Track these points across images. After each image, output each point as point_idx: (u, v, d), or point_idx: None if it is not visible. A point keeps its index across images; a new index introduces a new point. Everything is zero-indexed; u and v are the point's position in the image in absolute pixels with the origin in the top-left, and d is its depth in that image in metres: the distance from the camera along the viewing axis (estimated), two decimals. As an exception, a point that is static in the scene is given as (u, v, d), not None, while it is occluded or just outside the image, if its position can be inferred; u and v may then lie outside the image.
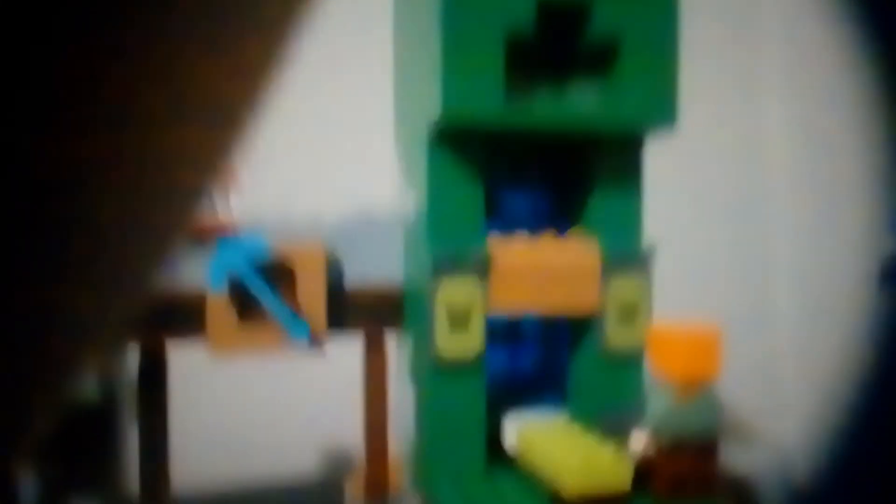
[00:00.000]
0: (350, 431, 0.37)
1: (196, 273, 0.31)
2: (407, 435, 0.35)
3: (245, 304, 0.32)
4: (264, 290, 0.31)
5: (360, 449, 0.36)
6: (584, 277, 0.31)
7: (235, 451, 0.54)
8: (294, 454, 0.55)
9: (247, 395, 0.56)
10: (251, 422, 0.56)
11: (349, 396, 0.37)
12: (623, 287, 0.32)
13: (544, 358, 0.37)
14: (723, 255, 0.67)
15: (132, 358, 0.33)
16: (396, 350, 0.37)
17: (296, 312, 0.32)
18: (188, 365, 0.34)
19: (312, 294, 0.33)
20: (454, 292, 0.30)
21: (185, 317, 0.32)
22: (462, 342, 0.30)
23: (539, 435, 0.30)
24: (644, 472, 0.28)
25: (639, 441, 0.28)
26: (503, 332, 0.36)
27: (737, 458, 0.36)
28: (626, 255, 0.32)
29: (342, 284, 0.34)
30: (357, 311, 0.35)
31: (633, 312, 0.32)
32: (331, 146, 0.39)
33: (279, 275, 0.32)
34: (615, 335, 0.32)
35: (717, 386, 0.28)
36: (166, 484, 0.34)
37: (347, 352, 0.37)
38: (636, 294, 0.32)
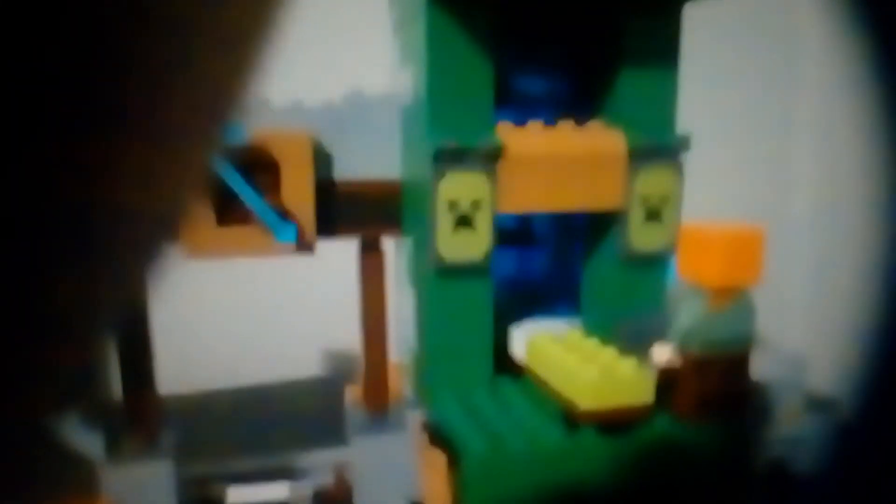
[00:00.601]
0: (350, 337, 0.35)
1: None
2: (408, 343, 0.32)
3: (223, 201, 0.29)
4: (243, 184, 0.27)
5: (359, 356, 0.33)
6: (606, 169, 0.27)
7: (227, 357, 0.53)
8: (290, 361, 0.54)
9: (239, 299, 0.55)
10: (243, 327, 0.55)
11: (348, 301, 0.34)
12: (651, 180, 0.28)
13: (558, 261, 0.34)
14: (744, 166, 0.63)
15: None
16: (395, 253, 0.34)
17: (280, 211, 0.29)
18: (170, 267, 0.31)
19: (298, 190, 0.29)
20: (458, 188, 0.26)
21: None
22: (467, 243, 0.27)
23: (550, 345, 0.27)
24: (667, 388, 0.25)
25: (663, 353, 0.25)
26: (512, 233, 0.33)
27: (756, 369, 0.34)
28: (657, 143, 0.28)
29: (332, 180, 0.31)
30: (350, 210, 0.31)
31: (661, 209, 0.28)
32: (315, 19, 0.34)
33: (260, 168, 0.29)
34: (640, 235, 0.28)
35: (753, 293, 0.25)
36: (151, 389, 0.32)
37: (342, 254, 0.34)
38: (666, 188, 0.28)
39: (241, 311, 0.55)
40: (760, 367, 0.37)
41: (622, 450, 0.24)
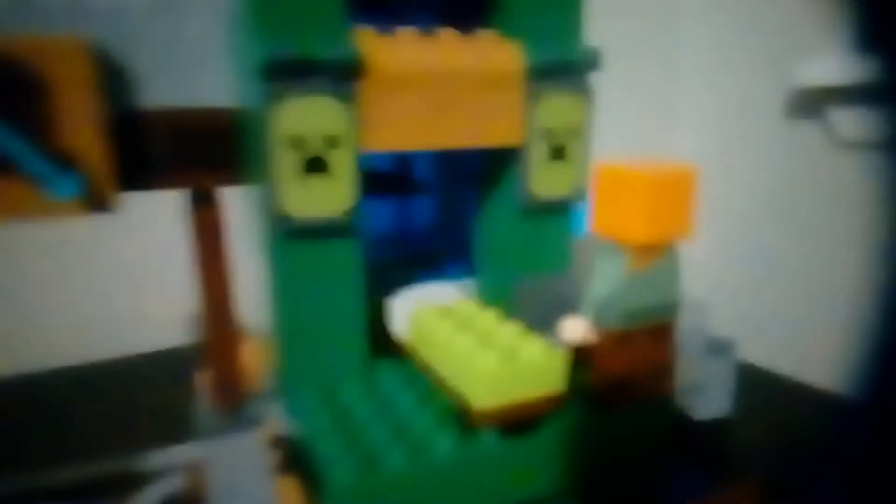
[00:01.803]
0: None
1: None
2: (263, 324, 0.25)
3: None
4: (-15, 116, 0.19)
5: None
6: (500, 92, 0.21)
7: (42, 334, 0.43)
8: (128, 336, 0.45)
9: (58, 266, 0.44)
10: (63, 297, 0.45)
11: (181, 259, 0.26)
12: (556, 107, 0.22)
13: (445, 213, 0.28)
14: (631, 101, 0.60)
15: None
16: (239, 205, 0.26)
17: (55, 153, 0.20)
18: None
19: (81, 122, 0.20)
20: (304, 119, 0.19)
21: None
22: (321, 195, 0.20)
23: (438, 321, 0.21)
24: (580, 370, 0.20)
25: (575, 327, 0.20)
26: (387, 179, 0.26)
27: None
28: (562, 59, 0.22)
29: (137, 110, 0.22)
30: (166, 151, 0.23)
31: (567, 145, 0.23)
32: None
33: (18, 91, 0.20)
34: (542, 177, 0.23)
35: (679, 249, 0.20)
36: None
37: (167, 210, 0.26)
38: (573, 118, 0.23)
39: (63, 276, 0.45)
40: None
41: (531, 453, 0.19)
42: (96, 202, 0.21)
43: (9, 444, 0.33)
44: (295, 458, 0.20)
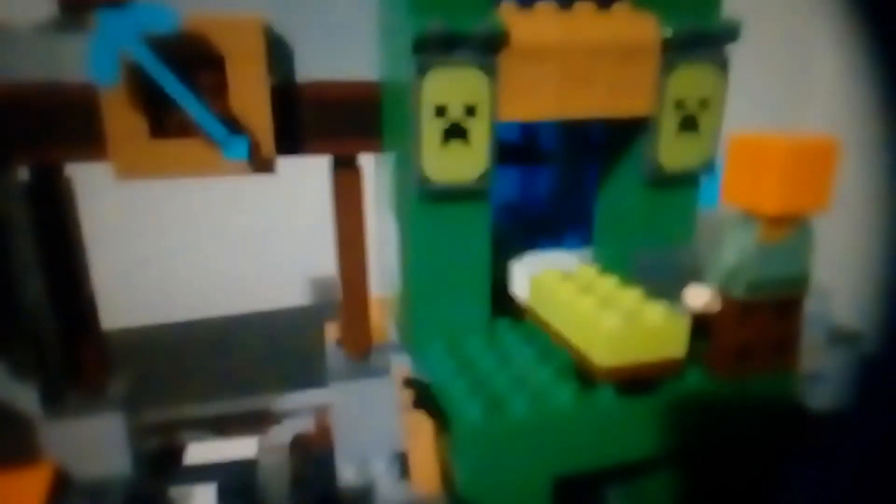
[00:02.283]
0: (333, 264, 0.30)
1: (77, 59, 0.22)
2: (392, 280, 0.27)
3: (158, 109, 0.23)
4: (176, 83, 0.22)
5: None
6: (635, 64, 0.22)
7: (191, 288, 0.48)
8: (265, 291, 0.50)
9: (206, 224, 0.49)
10: (210, 254, 0.50)
11: (327, 229, 0.29)
12: (689, 79, 0.22)
13: (568, 183, 0.29)
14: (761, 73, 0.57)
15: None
16: (375, 171, 0.29)
17: (228, 120, 0.23)
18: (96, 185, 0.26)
19: (250, 93, 0.23)
20: (448, 89, 0.21)
21: (74, 122, 0.23)
22: (459, 160, 0.22)
23: (560, 284, 0.22)
24: (700, 338, 0.21)
25: (698, 296, 0.21)
26: (514, 148, 0.27)
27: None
28: (699, 30, 0.22)
29: (294, 82, 0.25)
30: (318, 120, 0.25)
31: (699, 116, 0.23)
32: None
33: (200, 65, 0.23)
34: (671, 149, 0.23)
35: (814, 222, 0.20)
36: (93, 330, 0.27)
37: (314, 174, 0.29)
38: (706, 89, 0.23)
39: (209, 237, 0.50)
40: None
41: (646, 412, 0.20)
42: (259, 164, 0.24)
43: (158, 383, 0.37)
44: (425, 397, 0.22)
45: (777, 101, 0.60)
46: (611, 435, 0.20)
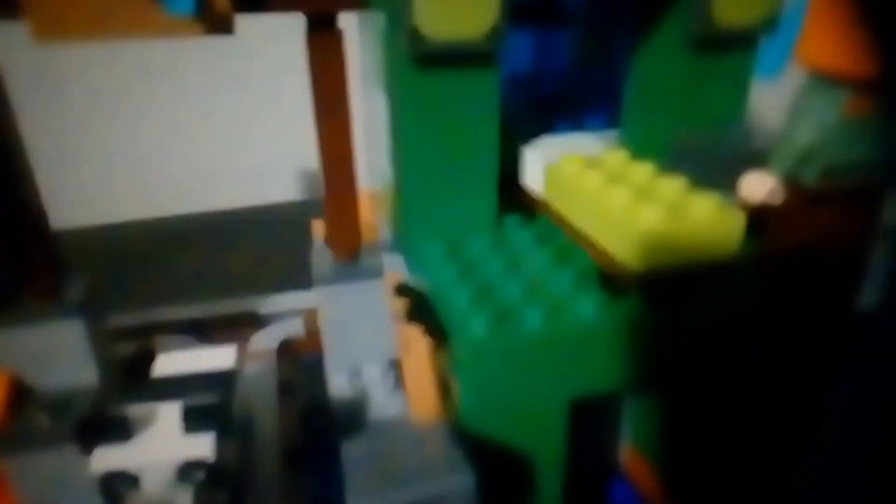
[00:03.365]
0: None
1: None
2: (383, 170, 0.24)
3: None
4: None
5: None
6: None
7: (164, 186, 0.44)
8: (245, 189, 0.46)
9: (172, 114, 0.44)
10: (182, 147, 0.45)
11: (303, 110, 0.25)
12: None
13: (593, 49, 0.24)
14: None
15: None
16: (360, 39, 0.24)
17: (167, -37, 0.18)
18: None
19: (193, -74, 0.18)
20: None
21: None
22: (461, 13, 0.17)
23: (584, 172, 0.19)
24: (756, 234, 0.17)
25: (758, 184, 0.17)
26: (528, 5, 0.22)
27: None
28: None
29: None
30: (284, -34, 0.20)
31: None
32: None
33: None
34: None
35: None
36: (40, 227, 0.24)
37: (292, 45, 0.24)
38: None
39: (184, 126, 0.45)
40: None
41: (685, 327, 0.17)
42: (211, 22, 0.19)
43: (128, 285, 0.34)
44: (421, 308, 0.19)
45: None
46: (641, 354, 0.17)
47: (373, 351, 0.24)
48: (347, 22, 0.22)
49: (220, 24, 0.20)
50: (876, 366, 0.24)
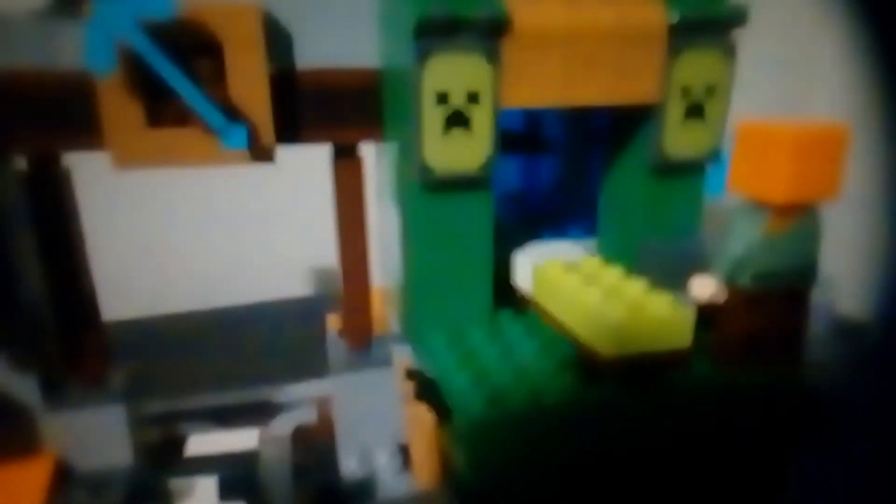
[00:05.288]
0: (333, 255, 0.29)
1: (72, 46, 0.22)
2: (394, 271, 0.27)
3: (155, 97, 0.22)
4: (174, 71, 0.21)
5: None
6: (641, 50, 0.21)
7: (191, 278, 0.48)
8: (265, 282, 0.49)
9: (205, 214, 0.49)
10: (209, 244, 0.49)
11: (327, 220, 0.29)
12: (696, 65, 0.22)
13: (571, 172, 0.28)
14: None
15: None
16: (377, 160, 0.28)
17: (226, 109, 0.23)
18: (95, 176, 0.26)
19: (249, 81, 0.23)
20: (450, 75, 0.20)
21: (70, 111, 0.23)
22: (461, 149, 0.21)
23: (563, 275, 0.22)
24: (705, 329, 0.20)
25: (704, 286, 0.20)
26: (517, 137, 0.27)
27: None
28: (707, 15, 0.22)
29: (293, 69, 0.24)
30: (317, 108, 0.25)
31: (705, 103, 0.22)
32: None
33: (197, 51, 0.22)
34: (677, 136, 0.23)
35: (820, 211, 0.20)
36: (94, 320, 0.27)
37: (315, 163, 0.28)
38: (713, 76, 0.22)
39: (208, 228, 0.50)
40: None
41: (651, 404, 0.20)
42: (258, 153, 0.24)
43: (158, 374, 0.37)
44: (426, 390, 0.22)
45: (781, 90, 0.59)
46: (614, 427, 0.20)
47: (382, 435, 0.26)
48: (366, 149, 0.27)
49: (264, 155, 0.24)
50: (836, 454, 0.26)
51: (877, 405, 0.32)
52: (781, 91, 0.59)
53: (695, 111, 0.23)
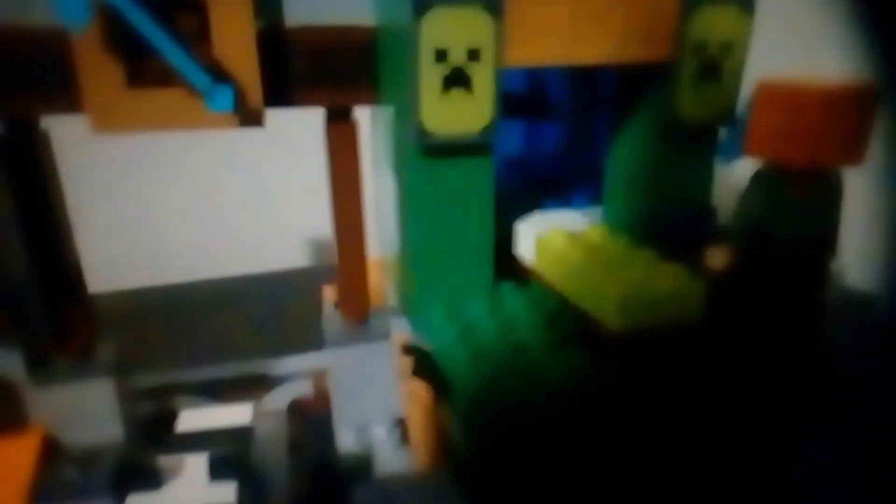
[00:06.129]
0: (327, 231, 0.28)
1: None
2: (391, 241, 0.26)
3: (133, 53, 0.21)
4: (154, 27, 0.20)
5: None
6: (652, 4, 0.20)
7: (181, 249, 0.47)
8: (259, 252, 0.48)
9: (195, 182, 0.48)
10: (202, 212, 0.48)
11: (324, 188, 0.28)
12: (711, 21, 0.20)
13: (576, 137, 0.27)
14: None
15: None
16: (371, 125, 0.27)
17: (210, 66, 0.21)
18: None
19: (235, 39, 0.21)
20: (449, 30, 0.19)
21: (45, 70, 0.21)
22: (461, 110, 0.20)
23: (568, 246, 0.21)
24: (719, 302, 0.19)
25: (717, 257, 0.19)
26: (519, 99, 0.26)
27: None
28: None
29: (282, 26, 0.23)
30: (309, 68, 0.24)
31: (720, 62, 0.21)
32: None
33: (179, 5, 0.21)
34: (691, 96, 0.21)
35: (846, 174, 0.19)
36: (79, 293, 0.26)
37: (312, 127, 0.27)
38: (729, 32, 0.21)
39: (201, 196, 0.48)
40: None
41: (662, 379, 0.19)
42: (246, 116, 0.22)
43: (152, 345, 0.37)
44: (425, 366, 0.21)
45: (800, 51, 0.57)
46: (619, 407, 0.19)
47: (379, 409, 0.25)
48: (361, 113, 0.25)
49: (253, 118, 0.23)
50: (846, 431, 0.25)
51: (884, 380, 0.31)
52: (799, 51, 0.57)
53: (709, 71, 0.21)
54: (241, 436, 0.25)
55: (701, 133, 0.23)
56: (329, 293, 0.29)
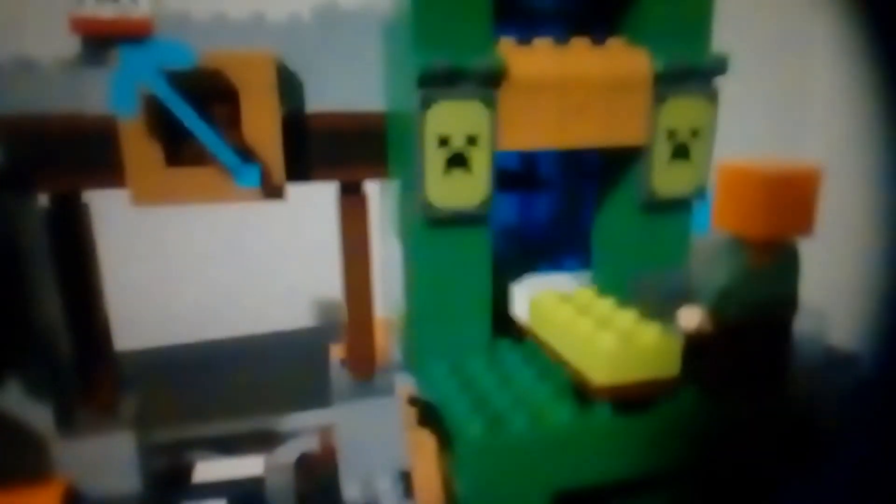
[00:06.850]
0: (337, 287, 0.31)
1: (98, 92, 0.23)
2: (396, 302, 0.28)
3: (174, 139, 0.24)
4: (194, 117, 0.23)
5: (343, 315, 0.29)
6: (628, 97, 0.23)
7: (198, 310, 0.49)
8: (270, 314, 0.50)
9: (213, 248, 0.50)
10: (217, 277, 0.51)
11: (330, 253, 0.30)
12: (680, 110, 0.23)
13: (565, 208, 0.30)
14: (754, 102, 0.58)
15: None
16: (380, 197, 0.30)
17: (241, 149, 0.24)
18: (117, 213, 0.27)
19: (262, 124, 0.24)
20: (450, 120, 0.22)
21: (94, 152, 0.24)
22: (461, 187, 0.23)
23: (558, 306, 0.23)
24: (694, 358, 0.21)
25: (691, 317, 0.22)
26: (514, 175, 0.28)
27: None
28: (689, 65, 0.23)
29: (303, 112, 0.26)
30: (325, 148, 0.26)
31: (690, 145, 0.24)
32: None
33: (215, 98, 0.24)
34: (664, 175, 0.24)
35: (810, 244, 0.21)
36: (106, 350, 0.28)
37: (320, 199, 0.30)
38: (697, 120, 0.24)
39: (216, 260, 0.51)
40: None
41: (642, 429, 0.21)
42: (270, 190, 0.25)
43: (167, 403, 0.38)
44: (428, 416, 0.23)
45: (774, 128, 0.61)
46: (608, 452, 0.21)
47: (384, 462, 0.27)
48: (370, 186, 0.28)
49: (276, 192, 0.25)
50: (827, 483, 0.27)
51: (867, 435, 0.32)
52: (773, 130, 0.61)
53: (681, 152, 0.24)
54: (254, 486, 0.26)
55: (675, 206, 0.25)
56: (336, 351, 0.31)
